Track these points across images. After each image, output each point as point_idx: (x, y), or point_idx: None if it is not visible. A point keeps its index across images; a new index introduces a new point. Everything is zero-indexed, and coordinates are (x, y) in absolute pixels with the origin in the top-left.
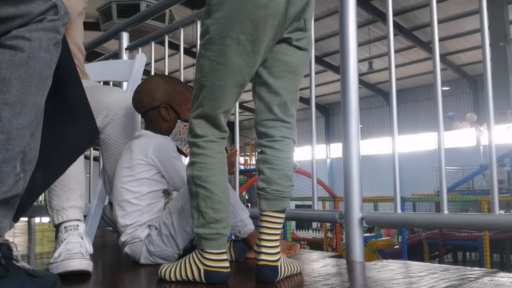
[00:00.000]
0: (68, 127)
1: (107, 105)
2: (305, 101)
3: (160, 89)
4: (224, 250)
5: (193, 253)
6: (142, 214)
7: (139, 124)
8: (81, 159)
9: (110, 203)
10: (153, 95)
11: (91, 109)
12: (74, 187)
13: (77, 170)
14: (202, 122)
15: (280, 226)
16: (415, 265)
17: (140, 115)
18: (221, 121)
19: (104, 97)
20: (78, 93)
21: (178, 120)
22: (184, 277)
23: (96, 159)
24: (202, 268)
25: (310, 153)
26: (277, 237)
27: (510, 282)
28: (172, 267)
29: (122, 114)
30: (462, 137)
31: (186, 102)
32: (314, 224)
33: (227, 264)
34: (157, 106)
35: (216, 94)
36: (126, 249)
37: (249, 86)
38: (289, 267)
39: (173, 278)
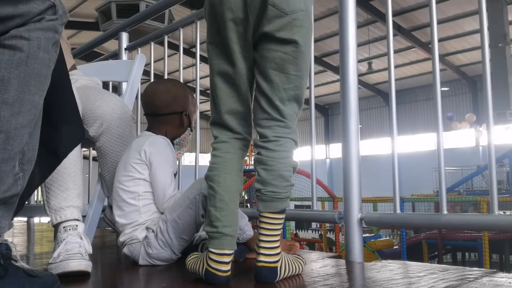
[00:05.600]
0: (52, 127)
1: (100, 115)
2: (305, 101)
3: (184, 95)
4: (226, 252)
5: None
6: (139, 214)
7: (134, 131)
8: (78, 159)
9: (110, 206)
10: (177, 100)
11: (78, 111)
12: (71, 186)
13: (73, 170)
14: (214, 126)
15: (279, 227)
16: (414, 265)
17: (136, 118)
18: (228, 122)
19: (97, 107)
20: (66, 95)
21: (188, 128)
22: (193, 270)
23: (95, 159)
24: (205, 266)
25: (310, 153)
26: (276, 238)
27: (509, 283)
28: (194, 256)
29: (116, 124)
30: (461, 137)
31: (195, 113)
32: (314, 225)
33: (226, 267)
34: (180, 112)
35: (215, 98)
36: (125, 250)
37: None
38: (290, 267)
39: (187, 267)
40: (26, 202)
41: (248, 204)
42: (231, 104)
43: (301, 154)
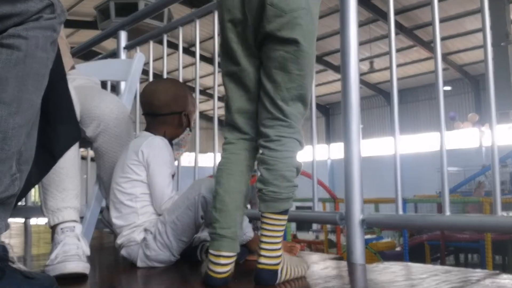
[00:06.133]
0: (49, 127)
1: (97, 115)
2: None
3: (183, 95)
4: (223, 253)
5: None
6: (137, 216)
7: (132, 131)
8: (75, 159)
9: (108, 207)
10: (177, 99)
11: (74, 111)
12: (69, 187)
13: (71, 171)
14: (225, 127)
15: (281, 228)
16: (417, 267)
17: (134, 117)
18: (237, 122)
19: (94, 107)
20: (62, 95)
21: (187, 128)
22: (203, 273)
23: (94, 159)
24: (206, 269)
25: (311, 153)
26: (278, 240)
27: None
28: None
29: (114, 124)
30: (464, 137)
31: (194, 112)
32: (314, 226)
33: (222, 269)
34: (179, 112)
35: (227, 98)
36: (123, 252)
37: None
38: (292, 270)
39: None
40: (24, 203)
41: (249, 205)
42: (241, 103)
43: (302, 154)
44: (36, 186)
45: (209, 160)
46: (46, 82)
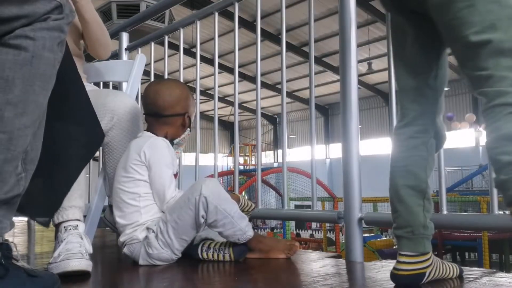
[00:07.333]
0: (74, 131)
1: (112, 108)
2: (305, 101)
3: (186, 97)
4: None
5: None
6: (140, 215)
7: (142, 128)
8: None
9: (110, 206)
10: (180, 101)
11: (95, 112)
12: (74, 187)
13: None
14: None
15: None
16: None
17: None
18: None
19: (109, 101)
20: (81, 96)
21: (188, 128)
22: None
23: (95, 159)
24: None
25: (310, 153)
26: None
27: (509, 282)
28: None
29: (127, 118)
30: (461, 137)
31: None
32: (314, 225)
33: (405, 266)
34: (183, 113)
35: None
36: (125, 250)
37: (247, 86)
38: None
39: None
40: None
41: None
42: None
43: (301, 154)
44: None
45: (210, 159)
46: (53, 82)
